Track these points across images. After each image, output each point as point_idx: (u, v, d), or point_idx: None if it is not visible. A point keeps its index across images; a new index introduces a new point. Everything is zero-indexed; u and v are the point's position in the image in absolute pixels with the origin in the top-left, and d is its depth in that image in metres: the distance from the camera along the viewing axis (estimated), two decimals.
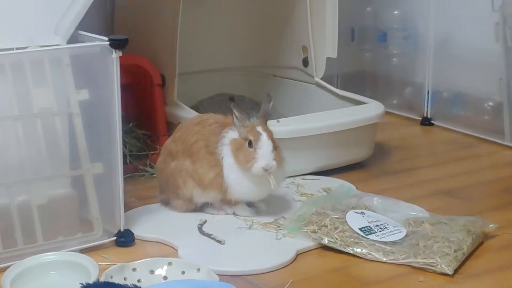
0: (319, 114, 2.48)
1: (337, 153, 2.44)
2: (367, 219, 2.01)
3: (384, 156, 2.63)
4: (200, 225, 2.06)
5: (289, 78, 2.86)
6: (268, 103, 2.06)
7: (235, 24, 2.90)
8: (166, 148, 2.16)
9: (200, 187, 2.08)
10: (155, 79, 2.48)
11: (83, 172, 1.92)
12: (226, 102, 2.72)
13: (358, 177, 2.42)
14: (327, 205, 2.08)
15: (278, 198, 2.20)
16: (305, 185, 2.34)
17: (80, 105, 1.89)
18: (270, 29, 2.90)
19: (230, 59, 2.92)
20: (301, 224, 1.99)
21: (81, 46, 1.90)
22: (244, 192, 2.06)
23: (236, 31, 2.92)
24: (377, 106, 2.55)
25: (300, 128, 2.38)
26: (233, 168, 2.04)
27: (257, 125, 2.03)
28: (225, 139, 2.06)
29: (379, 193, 2.22)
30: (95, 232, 1.94)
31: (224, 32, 2.90)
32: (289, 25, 2.82)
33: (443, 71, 2.90)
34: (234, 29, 2.91)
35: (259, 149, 2.00)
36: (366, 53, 3.20)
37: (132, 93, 2.48)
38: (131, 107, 2.46)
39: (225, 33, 2.90)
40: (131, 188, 2.26)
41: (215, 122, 2.10)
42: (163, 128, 2.49)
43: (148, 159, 2.47)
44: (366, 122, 2.47)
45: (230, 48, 2.92)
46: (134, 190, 2.27)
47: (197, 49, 2.84)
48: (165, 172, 2.13)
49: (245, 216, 2.11)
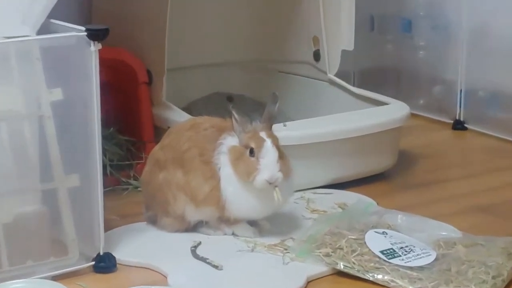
0: (333, 116, 2.48)
1: (354, 163, 2.44)
2: (390, 240, 2.01)
3: (409, 166, 2.62)
4: (194, 247, 2.07)
5: (298, 75, 2.86)
6: (273, 104, 2.07)
7: (234, 11, 2.89)
8: (153, 156, 2.16)
9: (194, 202, 2.09)
10: (140, 76, 2.48)
11: (56, 186, 1.92)
12: (223, 102, 2.73)
13: (379, 191, 2.42)
14: (342, 223, 2.08)
15: (285, 216, 2.20)
16: (316, 200, 2.35)
17: (52, 107, 1.90)
18: (275, 17, 2.89)
19: (228, 52, 2.91)
20: (312, 246, 2.00)
21: (53, 38, 1.89)
22: (245, 208, 2.07)
23: (235, 19, 2.91)
24: (401, 107, 2.55)
25: (310, 133, 2.38)
26: (232, 180, 2.05)
27: (260, 130, 2.04)
28: (222, 146, 2.07)
29: (404, 209, 2.22)
30: (70, 256, 1.94)
31: (221, 20, 2.90)
32: (297, 12, 2.82)
33: (478, 66, 2.90)
34: (233, 17, 2.91)
35: (263, 158, 2.01)
36: (388, 45, 3.20)
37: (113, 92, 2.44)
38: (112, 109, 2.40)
39: (222, 22, 2.90)
40: (113, 204, 2.26)
41: (210, 126, 2.11)
42: (150, 134, 2.50)
43: (132, 170, 2.47)
44: (388, 126, 2.47)
45: (228, 39, 2.91)
46: (115, 207, 2.28)
47: (189, 41, 2.83)
48: (152, 185, 2.14)
49: (246, 236, 2.12)
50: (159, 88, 2.51)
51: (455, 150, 2.85)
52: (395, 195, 2.42)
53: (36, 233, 1.92)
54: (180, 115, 2.47)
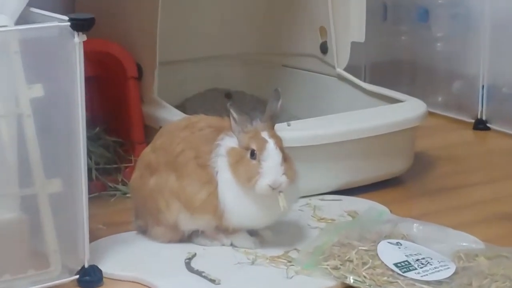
0: (342, 115, 2.48)
1: (366, 166, 2.43)
2: (405, 252, 2.00)
3: (426, 170, 2.62)
4: (188, 259, 2.06)
5: (303, 69, 2.85)
6: (275, 101, 2.05)
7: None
8: (144, 159, 2.15)
9: (188, 210, 2.08)
10: (129, 70, 2.47)
11: (36, 191, 1.91)
12: (221, 100, 2.73)
13: (392, 197, 2.41)
14: (352, 233, 2.08)
15: (289, 225, 2.19)
16: (324, 208, 2.35)
17: (32, 104, 1.88)
18: (277, 5, 2.89)
19: (227, 45, 2.91)
20: (319, 258, 1.99)
21: (33, 28, 1.88)
22: (245, 217, 2.05)
23: (234, 8, 2.91)
24: (417, 105, 2.54)
25: (317, 134, 2.37)
26: (231, 185, 2.03)
27: (261, 130, 2.03)
28: (220, 148, 2.06)
29: (420, 218, 2.21)
30: (51, 269, 1.93)
31: (219, 9, 2.90)
32: (303, 0, 2.81)
33: (503, 59, 2.89)
34: (232, 6, 2.91)
35: (265, 161, 2.00)
36: (402, 36, 3.20)
37: (99, 88, 2.47)
38: (98, 107, 2.45)
39: (219, 11, 2.90)
40: (99, 211, 2.26)
41: (207, 126, 2.10)
42: (140, 134, 2.50)
43: (120, 174, 2.47)
44: (403, 126, 2.46)
45: (226, 30, 2.91)
46: (102, 214, 2.28)
47: (183, 32, 2.83)
48: (143, 190, 2.13)
49: (246, 247, 2.11)
50: (150, 84, 2.51)
51: (477, 152, 2.84)
52: (410, 202, 2.42)
53: (14, 243, 1.91)
54: (173, 113, 2.46)
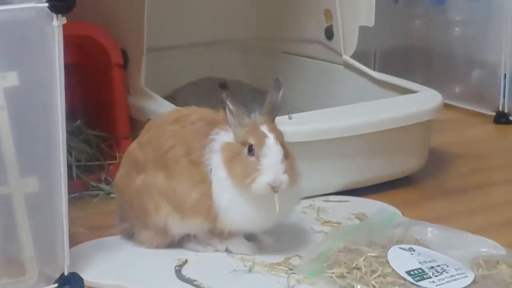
0: (349, 107, 2.43)
1: (375, 164, 2.39)
2: (418, 259, 1.96)
3: (442, 168, 2.58)
4: (179, 266, 2.03)
5: (306, 56, 2.81)
6: (276, 91, 2.01)
7: None
8: (130, 156, 2.12)
9: (179, 212, 2.04)
10: (114, 56, 2.44)
11: (10, 191, 1.88)
12: (215, 90, 2.69)
13: (405, 198, 2.37)
14: (360, 238, 2.04)
15: (290, 229, 2.15)
16: (329, 210, 2.31)
17: (6, 94, 1.85)
18: None
19: (222, 29, 2.88)
20: (324, 266, 1.95)
21: (7, 10, 1.84)
22: (242, 219, 2.01)
23: None
24: (432, 96, 2.50)
25: (321, 128, 2.32)
26: (226, 185, 2.00)
27: (260, 124, 1.99)
28: (214, 143, 2.02)
29: (436, 221, 2.16)
30: (27, 277, 1.90)
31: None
32: None
33: None
34: None
35: (264, 157, 1.95)
36: (416, 20, 3.17)
37: (81, 77, 2.44)
38: (79, 98, 2.42)
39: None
40: (80, 213, 2.23)
41: (199, 119, 2.06)
42: (125, 128, 2.46)
43: (104, 172, 2.44)
44: (417, 119, 2.41)
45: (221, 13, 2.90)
46: (83, 217, 2.25)
47: (174, 14, 2.81)
48: (128, 190, 2.10)
49: (243, 254, 2.08)
50: (137, 72, 2.48)
51: (498, 148, 2.81)
52: (424, 204, 2.38)
53: None
54: (162, 105, 2.43)
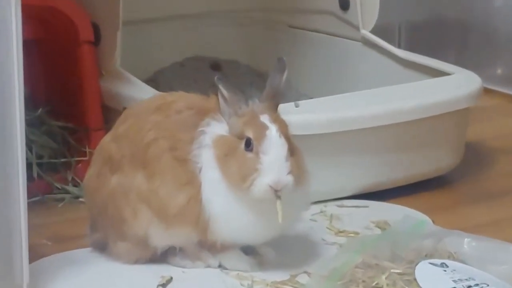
0: (367, 93, 2.37)
1: (400, 162, 2.33)
2: (452, 277, 1.88)
3: (480, 167, 2.54)
4: (162, 286, 1.97)
5: (316, 31, 2.78)
6: (279, 74, 1.92)
7: None
8: (103, 151, 2.04)
9: (162, 220, 1.96)
10: (83, 32, 2.41)
11: None
12: (206, 72, 2.69)
13: (436, 203, 2.32)
14: (382, 251, 1.97)
15: (296, 240, 2.10)
16: (343, 217, 2.25)
17: None
18: None
19: None
20: (338, 285, 1.89)
21: None
22: (238, 229, 1.93)
23: None
24: (469, 79, 2.43)
25: (334, 118, 2.24)
26: (219, 187, 1.92)
27: (260, 113, 1.90)
28: (204, 136, 1.93)
29: (473, 230, 2.07)
30: None
31: None
32: None
33: None
34: None
35: (265, 154, 1.86)
36: None
37: (43, 56, 2.43)
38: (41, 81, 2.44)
39: None
40: (42, 221, 2.19)
41: (187, 107, 1.98)
42: (97, 118, 2.43)
43: (71, 171, 2.40)
44: (450, 107, 2.33)
45: None
46: (46, 225, 2.19)
47: None
48: (101, 193, 2.03)
49: (239, 270, 2.00)
50: (111, 51, 2.44)
51: None
52: (460, 209, 2.32)
53: None
54: (141, 89, 2.37)
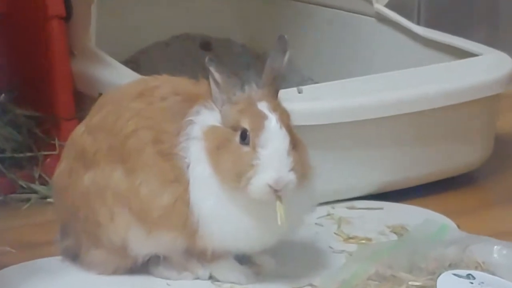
0: (382, 77, 2.28)
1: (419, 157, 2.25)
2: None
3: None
4: None
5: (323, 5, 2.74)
6: (280, 54, 1.85)
7: None
8: (75, 144, 1.97)
9: (144, 224, 1.88)
10: (52, 4, 2.36)
11: None
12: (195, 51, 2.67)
13: (461, 205, 2.27)
14: (398, 260, 1.92)
15: (300, 247, 2.04)
16: (354, 221, 2.18)
17: None
18: None
19: None
20: None
21: None
22: (232, 235, 1.85)
23: None
24: (500, 61, 2.35)
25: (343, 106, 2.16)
26: (210, 186, 1.84)
27: (258, 100, 1.83)
28: (193, 127, 1.86)
29: (504, 237, 2.00)
30: None
31: None
32: None
33: None
34: None
35: (263, 147, 1.78)
36: None
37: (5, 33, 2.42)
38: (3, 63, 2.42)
39: None
40: (5, 225, 2.16)
41: (173, 93, 1.91)
42: (68, 105, 2.38)
43: (38, 168, 2.36)
44: (478, 94, 2.25)
45: None
46: (9, 230, 2.15)
47: None
48: (73, 193, 1.95)
49: (232, 282, 1.92)
50: (84, 27, 2.40)
51: None
52: (488, 213, 2.27)
53: None
54: (120, 72, 2.32)
